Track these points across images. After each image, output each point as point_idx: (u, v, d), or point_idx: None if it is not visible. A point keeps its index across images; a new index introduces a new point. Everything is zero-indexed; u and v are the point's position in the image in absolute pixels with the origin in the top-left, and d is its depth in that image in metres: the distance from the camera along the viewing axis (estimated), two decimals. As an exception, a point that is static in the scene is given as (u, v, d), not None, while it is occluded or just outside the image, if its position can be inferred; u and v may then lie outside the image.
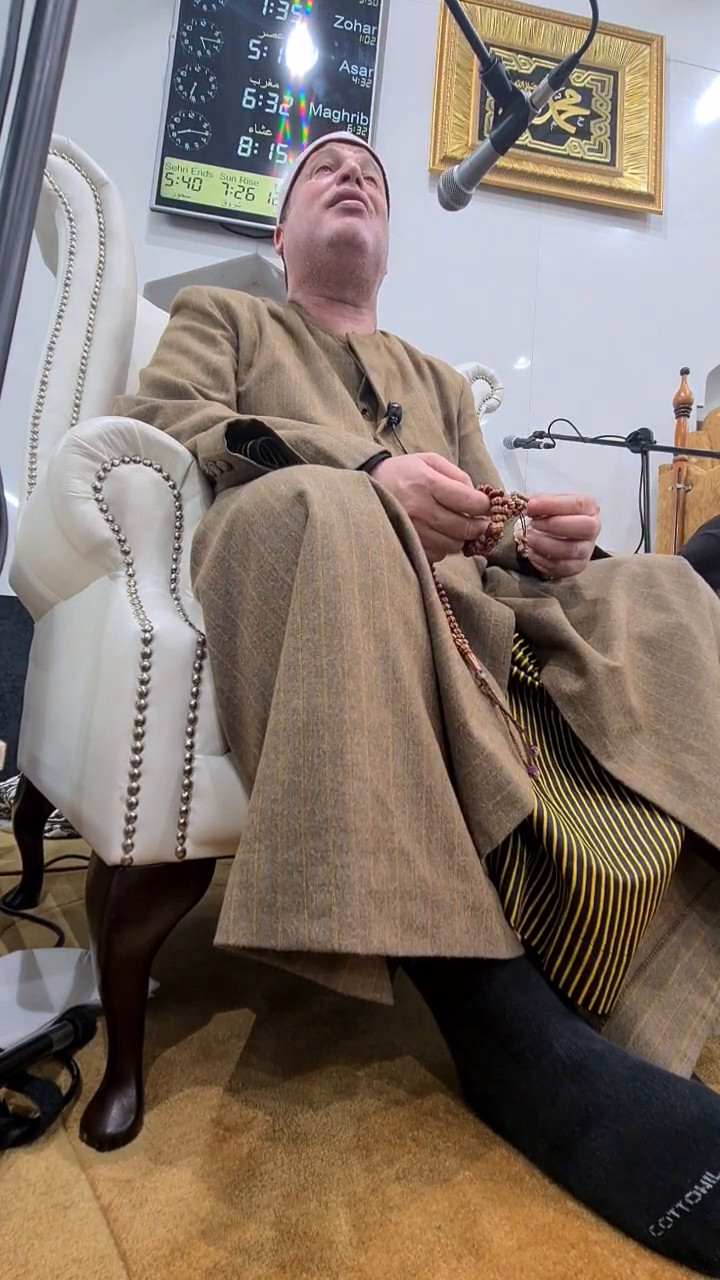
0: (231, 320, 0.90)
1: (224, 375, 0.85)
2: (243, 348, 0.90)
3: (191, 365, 0.83)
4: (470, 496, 0.61)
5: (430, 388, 1.02)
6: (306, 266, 0.97)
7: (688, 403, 2.35)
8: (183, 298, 0.92)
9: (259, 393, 0.86)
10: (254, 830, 0.45)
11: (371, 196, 0.95)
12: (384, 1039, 0.67)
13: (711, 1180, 0.42)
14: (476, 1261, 0.41)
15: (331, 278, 0.96)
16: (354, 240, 0.92)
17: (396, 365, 0.99)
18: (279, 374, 0.86)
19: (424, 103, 2.48)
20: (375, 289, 1.02)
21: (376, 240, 0.95)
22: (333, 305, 0.98)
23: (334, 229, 0.92)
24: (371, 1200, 0.46)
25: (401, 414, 0.90)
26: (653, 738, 0.62)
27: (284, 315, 0.95)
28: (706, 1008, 0.57)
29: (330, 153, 0.96)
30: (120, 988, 0.53)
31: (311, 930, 0.42)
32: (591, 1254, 0.42)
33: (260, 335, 0.91)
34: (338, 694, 0.46)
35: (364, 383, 0.92)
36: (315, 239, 0.93)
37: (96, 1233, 0.42)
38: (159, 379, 0.81)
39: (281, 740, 0.45)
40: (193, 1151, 0.50)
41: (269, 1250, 0.41)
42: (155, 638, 0.54)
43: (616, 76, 2.62)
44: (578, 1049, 0.48)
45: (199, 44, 2.30)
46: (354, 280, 0.96)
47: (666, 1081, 0.46)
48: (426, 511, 0.61)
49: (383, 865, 0.44)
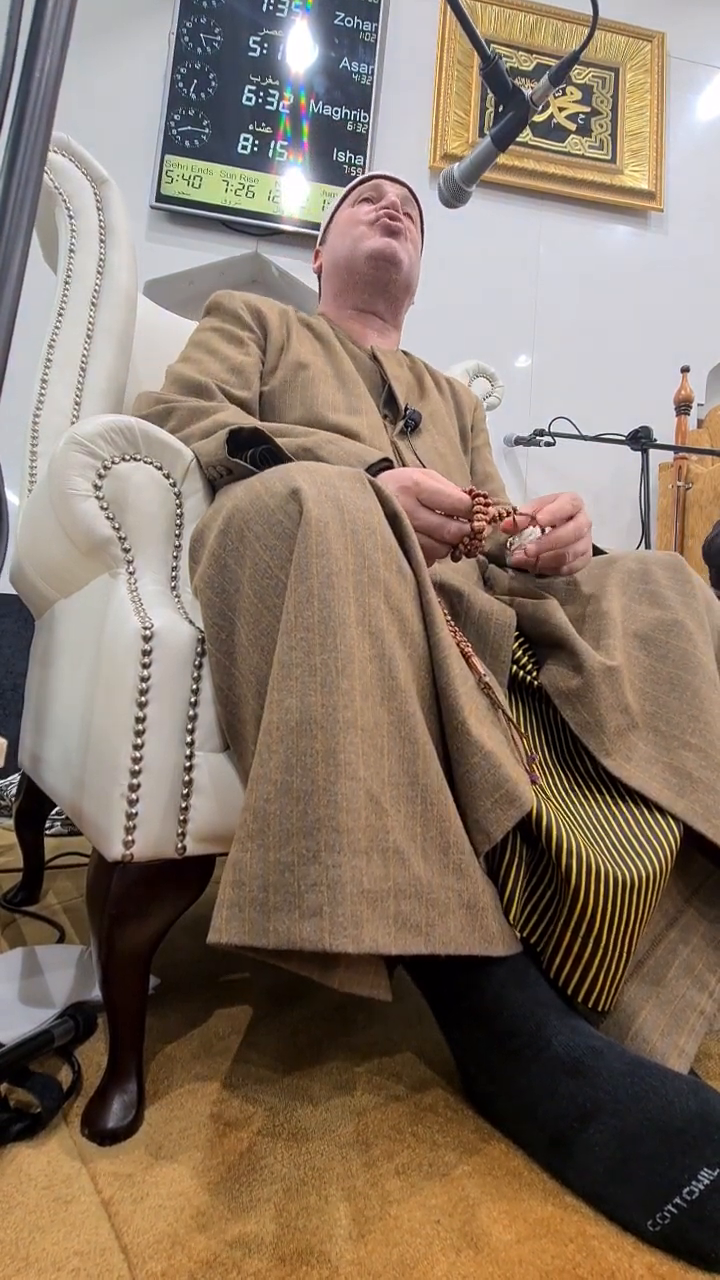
0: (261, 324, 0.94)
1: (248, 374, 0.87)
2: (269, 350, 0.93)
3: (216, 365, 0.86)
4: (452, 496, 0.62)
5: (448, 400, 1.06)
6: (343, 280, 1.02)
7: (688, 400, 2.35)
8: (215, 300, 0.95)
9: (284, 392, 0.88)
10: (247, 829, 0.45)
11: (409, 230, 1.01)
12: (383, 1035, 0.67)
13: (709, 1176, 0.42)
14: (475, 1255, 0.42)
15: (365, 290, 1.01)
16: (393, 257, 0.98)
17: (416, 380, 1.03)
18: (304, 374, 0.89)
19: (424, 100, 2.48)
20: (404, 310, 1.07)
21: (411, 263, 1.01)
22: (362, 317, 1.03)
23: (375, 245, 0.97)
24: (371, 1194, 0.46)
25: (420, 419, 0.94)
26: (650, 734, 0.62)
27: (313, 323, 0.99)
28: (704, 1003, 0.57)
29: (375, 186, 1.03)
30: (121, 983, 0.54)
31: (303, 930, 0.42)
32: (589, 1248, 0.43)
33: (288, 339, 0.94)
34: (331, 693, 0.46)
35: (386, 390, 0.95)
36: (355, 254, 0.99)
37: (97, 1226, 0.43)
38: (183, 376, 0.83)
39: (275, 739, 0.46)
40: (193, 1146, 0.50)
41: (269, 1243, 0.42)
42: (155, 635, 0.54)
43: (617, 73, 2.62)
44: (576, 1045, 0.49)
45: (199, 41, 2.29)
46: (386, 295, 1.01)
47: (664, 1077, 0.46)
48: (409, 512, 0.62)
49: (376, 864, 0.45)
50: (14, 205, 0.44)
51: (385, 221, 0.97)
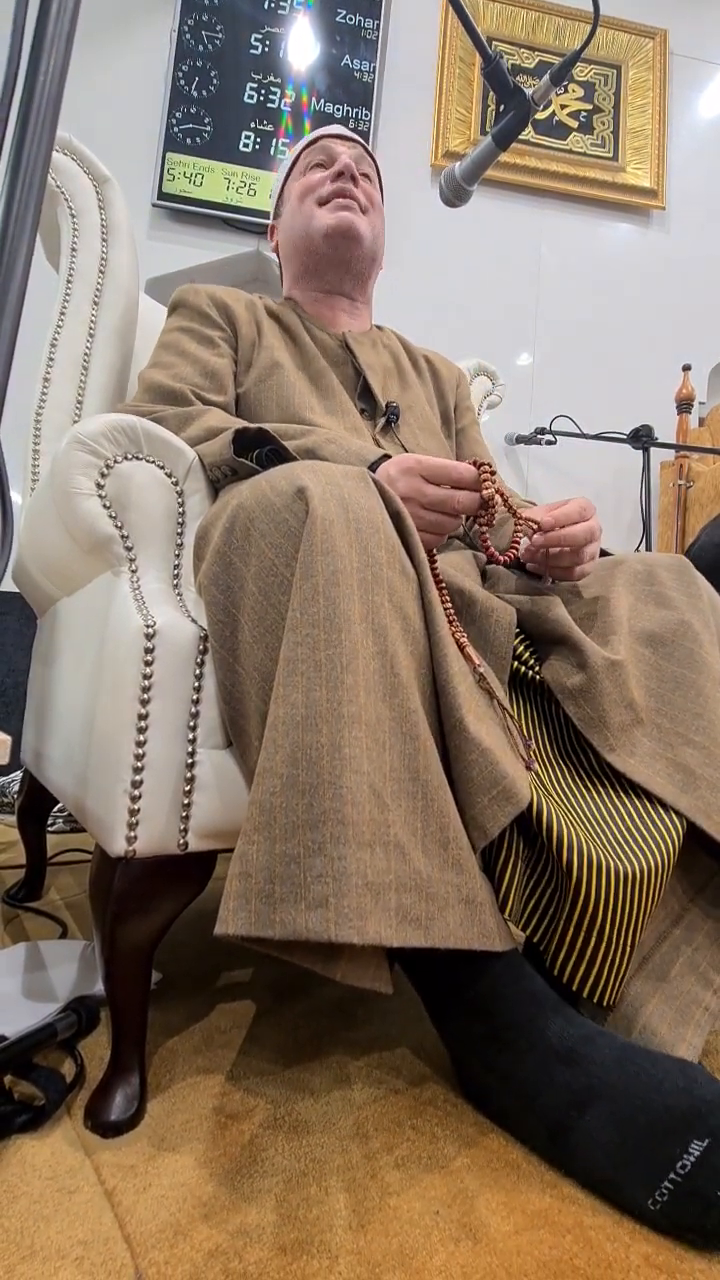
0: (230, 321, 0.90)
1: (222, 378, 0.85)
2: (241, 348, 0.90)
3: (189, 368, 0.83)
4: (457, 468, 0.62)
5: (427, 382, 1.02)
6: (303, 262, 0.96)
7: (689, 399, 2.35)
8: (179, 297, 0.91)
9: (258, 394, 0.86)
10: (253, 822, 0.45)
11: (366, 193, 0.95)
12: (383, 1030, 0.68)
13: (699, 1148, 0.43)
14: (474, 1245, 0.42)
15: (328, 271, 0.95)
16: (350, 232, 0.91)
17: (393, 362, 0.99)
18: (278, 375, 0.86)
19: (426, 97, 2.48)
20: (372, 283, 1.01)
21: (373, 233, 0.95)
22: (330, 299, 0.98)
23: (330, 222, 0.91)
24: (370, 1186, 0.47)
25: (399, 413, 0.90)
26: (654, 731, 0.62)
27: (280, 314, 0.95)
28: (709, 1000, 0.57)
29: (323, 149, 0.95)
30: (124, 978, 0.54)
31: (309, 921, 0.42)
32: (587, 1238, 0.43)
33: (259, 335, 0.91)
34: (336, 688, 0.46)
35: (361, 382, 0.92)
36: (310, 233, 0.93)
37: (101, 1216, 0.43)
38: (157, 384, 0.81)
39: (280, 734, 0.46)
40: (195, 1138, 0.51)
41: (269, 1233, 0.42)
42: (158, 633, 0.55)
43: (620, 71, 2.61)
44: (569, 1035, 0.49)
45: (200, 38, 2.29)
46: (351, 272, 0.96)
47: (653, 1059, 0.47)
48: (416, 490, 0.62)
49: (379, 857, 0.45)
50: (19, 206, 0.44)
51: (338, 198, 0.91)
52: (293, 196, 0.97)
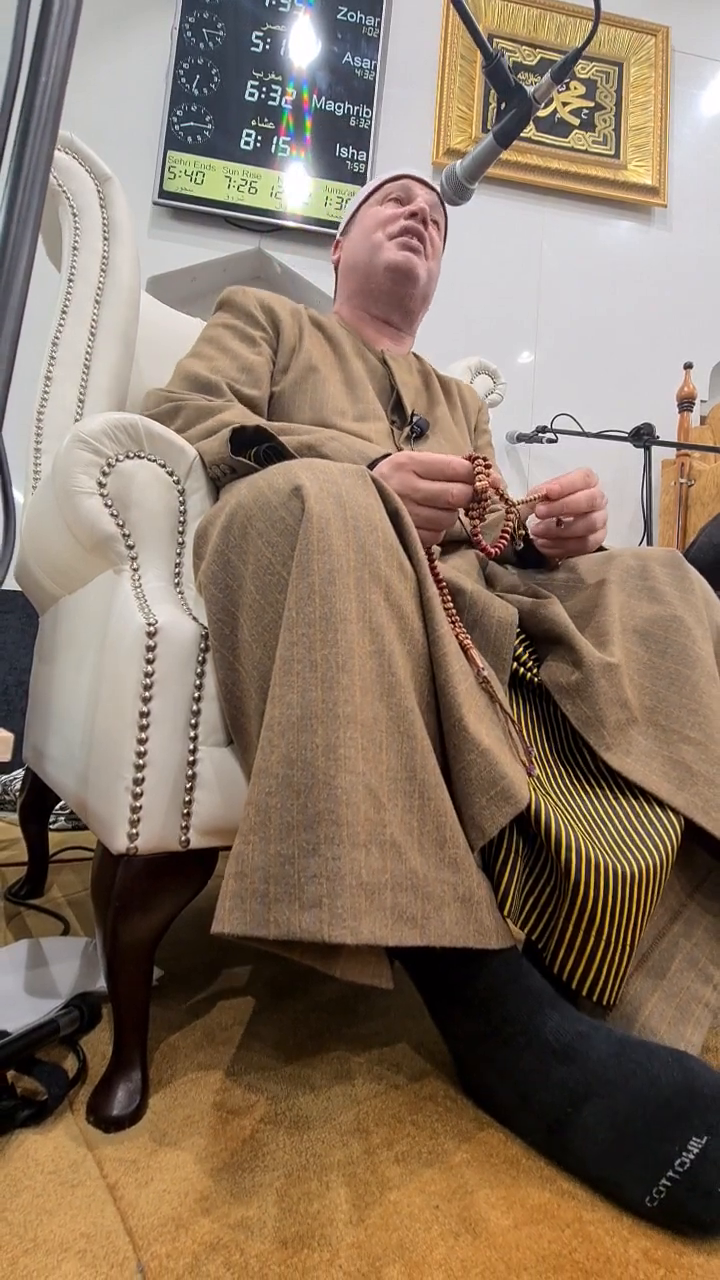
0: (274, 324, 0.94)
1: (258, 374, 0.88)
2: (281, 351, 0.93)
3: (227, 362, 0.86)
4: (450, 462, 0.62)
5: (455, 407, 1.07)
6: (359, 284, 1.01)
7: (691, 397, 2.34)
8: (228, 296, 0.95)
9: (293, 394, 0.88)
10: (249, 822, 0.45)
11: (432, 239, 1.01)
12: (383, 1026, 0.68)
13: (698, 1145, 0.43)
14: (473, 1240, 0.42)
15: (381, 300, 1.01)
16: (412, 273, 0.97)
17: (425, 385, 1.03)
18: (313, 378, 0.89)
19: (427, 95, 2.47)
20: (419, 319, 1.07)
21: (429, 276, 1.01)
22: (376, 323, 1.03)
23: (394, 259, 0.97)
24: (370, 1180, 0.47)
25: (427, 426, 0.94)
26: (650, 729, 0.62)
27: (325, 324, 0.99)
28: (709, 996, 0.58)
29: (404, 187, 1.02)
30: (126, 974, 0.55)
31: (303, 920, 0.43)
32: (586, 1233, 0.43)
33: (300, 340, 0.94)
34: (331, 688, 0.46)
35: (394, 396, 0.95)
36: (375, 262, 0.98)
37: (103, 1209, 0.43)
38: (193, 374, 0.83)
39: (276, 734, 0.46)
40: (196, 1133, 0.51)
41: (270, 1227, 0.43)
42: (159, 631, 0.55)
43: (621, 68, 2.61)
44: (566, 1031, 0.49)
45: (201, 36, 2.29)
46: (401, 307, 1.02)
47: (650, 1053, 0.47)
48: (409, 485, 0.62)
49: (374, 857, 0.45)
50: (21, 204, 0.44)
51: (407, 239, 0.97)
52: (364, 221, 1.02)
